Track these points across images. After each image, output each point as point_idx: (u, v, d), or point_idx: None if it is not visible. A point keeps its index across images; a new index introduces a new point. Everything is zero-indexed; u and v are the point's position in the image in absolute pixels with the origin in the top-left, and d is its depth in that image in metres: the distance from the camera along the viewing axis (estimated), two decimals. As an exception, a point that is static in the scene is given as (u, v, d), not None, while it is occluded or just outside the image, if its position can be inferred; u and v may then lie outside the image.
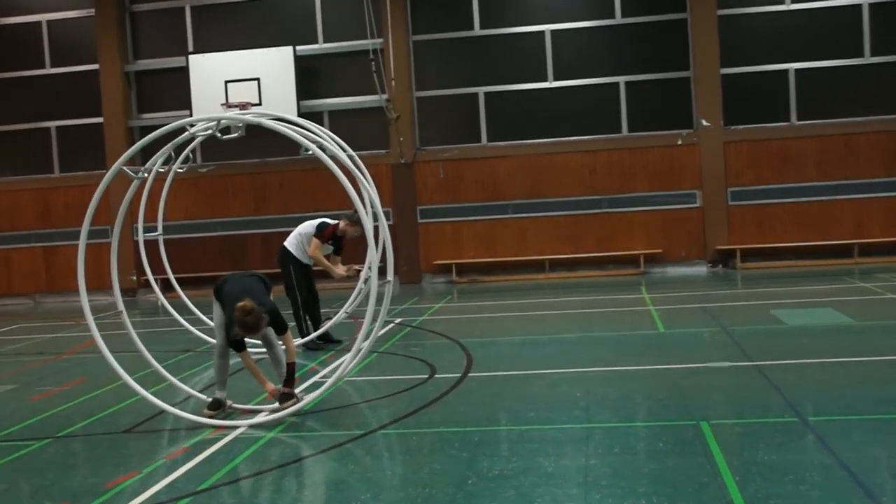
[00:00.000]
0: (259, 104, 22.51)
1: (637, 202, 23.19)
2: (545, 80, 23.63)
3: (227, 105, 22.48)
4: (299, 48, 23.56)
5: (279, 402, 9.21)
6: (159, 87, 25.18)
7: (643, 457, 7.30)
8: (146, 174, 9.75)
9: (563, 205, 23.39)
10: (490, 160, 23.68)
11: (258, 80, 22.95)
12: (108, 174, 9.10)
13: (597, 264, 23.42)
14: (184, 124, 9.30)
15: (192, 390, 10.08)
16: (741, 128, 22.93)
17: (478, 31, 23.79)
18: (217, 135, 9.30)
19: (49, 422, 9.71)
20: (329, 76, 24.34)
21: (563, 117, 23.53)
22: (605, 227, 23.28)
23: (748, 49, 22.99)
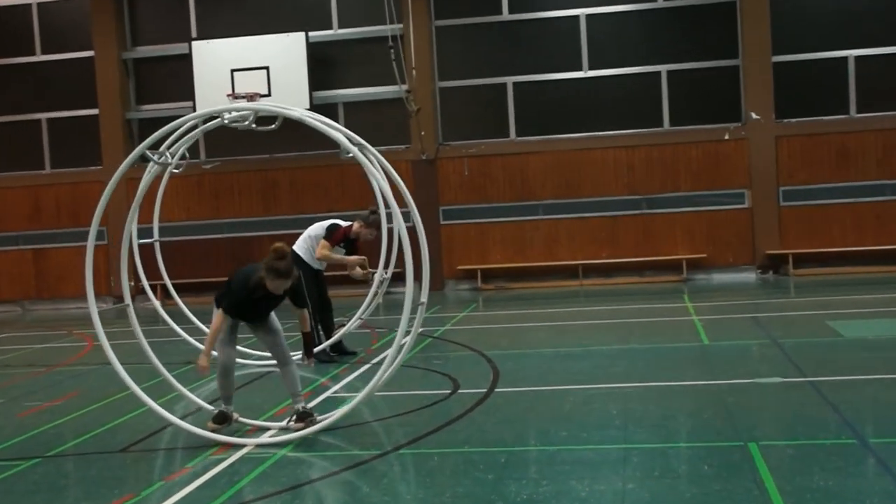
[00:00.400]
0: (268, 95, 22.56)
1: (679, 202, 23.14)
2: (579, 68, 23.62)
3: (234, 96, 22.56)
4: (312, 34, 23.60)
5: (294, 421, 9.17)
6: (160, 76, 25.28)
7: (685, 481, 7.30)
8: (170, 159, 9.73)
9: (599, 205, 23.37)
10: (519, 156, 23.68)
11: (267, 68, 23.01)
12: (128, 159, 9.14)
13: (635, 270, 23.39)
14: (219, 111, 9.32)
15: (202, 402, 10.09)
16: (794, 121, 22.86)
17: (506, 15, 23.81)
18: (253, 126, 9.34)
19: (38, 439, 9.75)
20: (344, 65, 24.39)
21: (598, 110, 23.52)
22: (644, 230, 23.25)
23: (803, 34, 22.90)
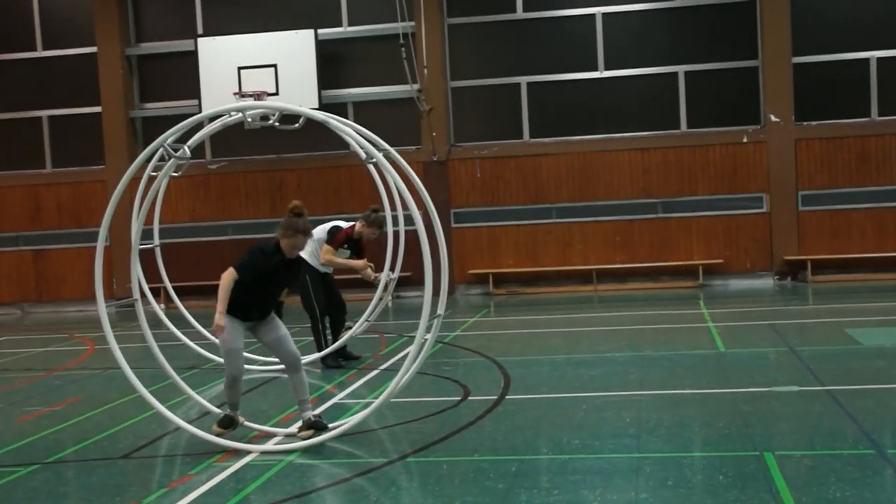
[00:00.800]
0: (276, 94, 22.57)
1: (696, 206, 23.13)
2: (595, 69, 23.62)
3: (241, 94, 22.58)
4: (321, 32, 23.60)
5: (303, 429, 9.18)
6: (164, 74, 25.29)
7: (700, 491, 7.31)
8: (188, 151, 9.74)
9: (614, 209, 23.36)
10: (533, 158, 23.68)
11: (275, 66, 22.99)
12: (145, 151, 9.17)
13: (650, 275, 23.40)
14: (239, 108, 9.33)
15: (210, 405, 10.07)
16: (815, 124, 22.83)
17: (520, 13, 23.81)
18: (276, 125, 9.38)
19: (38, 445, 9.78)
20: (354, 63, 24.41)
21: (614, 111, 23.52)
22: (660, 234, 23.24)
23: (823, 35, 22.86)
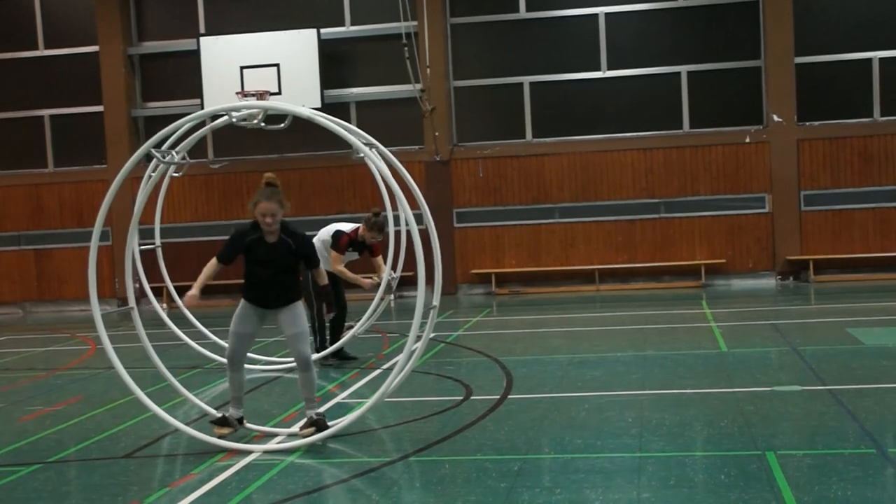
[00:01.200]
0: (279, 93, 22.57)
1: (699, 206, 23.15)
2: (598, 69, 23.64)
3: (244, 94, 22.54)
4: (324, 31, 23.62)
5: (305, 427, 9.20)
6: (167, 73, 25.32)
7: (701, 490, 7.32)
8: (177, 157, 9.73)
9: (616, 209, 23.39)
10: (535, 158, 23.70)
11: (277, 66, 23.06)
12: (132, 158, 9.17)
13: (652, 275, 23.43)
14: (225, 110, 9.35)
15: (208, 407, 10.12)
16: (817, 124, 22.86)
17: (523, 13, 23.83)
18: (262, 125, 9.39)
19: (39, 445, 9.80)
20: (356, 63, 24.43)
21: (617, 111, 23.55)
22: (662, 234, 23.28)
23: (826, 35, 22.90)
